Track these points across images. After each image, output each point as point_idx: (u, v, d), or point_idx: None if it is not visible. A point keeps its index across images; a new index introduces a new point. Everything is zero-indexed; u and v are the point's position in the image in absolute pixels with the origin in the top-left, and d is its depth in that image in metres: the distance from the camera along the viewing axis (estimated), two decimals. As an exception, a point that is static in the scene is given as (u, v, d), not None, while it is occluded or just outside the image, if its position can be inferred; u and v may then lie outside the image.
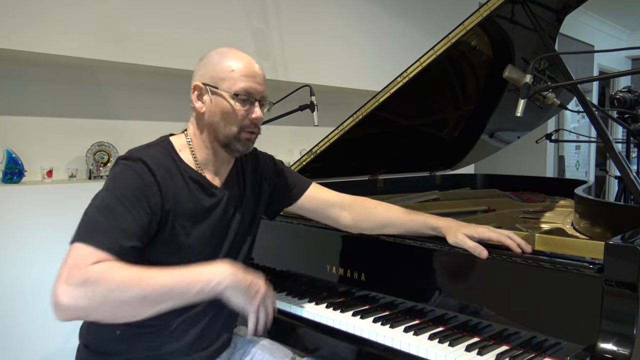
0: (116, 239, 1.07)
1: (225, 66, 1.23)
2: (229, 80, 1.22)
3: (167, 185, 1.17)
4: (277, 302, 1.57)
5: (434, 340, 1.24)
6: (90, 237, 1.05)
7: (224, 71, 1.23)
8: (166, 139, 1.27)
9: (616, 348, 1.02)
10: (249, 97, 1.23)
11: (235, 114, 1.22)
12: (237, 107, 1.22)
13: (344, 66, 3.32)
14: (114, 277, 1.01)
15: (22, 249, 2.07)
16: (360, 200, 1.49)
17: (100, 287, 0.99)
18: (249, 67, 1.24)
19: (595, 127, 1.51)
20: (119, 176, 1.15)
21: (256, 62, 1.27)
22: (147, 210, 1.13)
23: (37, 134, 2.31)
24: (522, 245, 1.22)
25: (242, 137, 1.24)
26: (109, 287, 1.00)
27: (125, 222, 1.09)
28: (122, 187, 1.13)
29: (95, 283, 0.99)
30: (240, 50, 1.28)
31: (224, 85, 1.22)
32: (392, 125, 2.16)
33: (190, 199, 1.21)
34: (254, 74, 1.24)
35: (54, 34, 2.12)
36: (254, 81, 1.23)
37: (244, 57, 1.26)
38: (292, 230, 1.72)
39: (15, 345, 2.05)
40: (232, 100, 1.22)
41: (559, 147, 5.71)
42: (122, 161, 1.17)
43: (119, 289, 1.00)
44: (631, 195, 1.62)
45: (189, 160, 1.25)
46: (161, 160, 1.19)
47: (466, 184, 2.98)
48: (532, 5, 1.61)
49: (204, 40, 2.54)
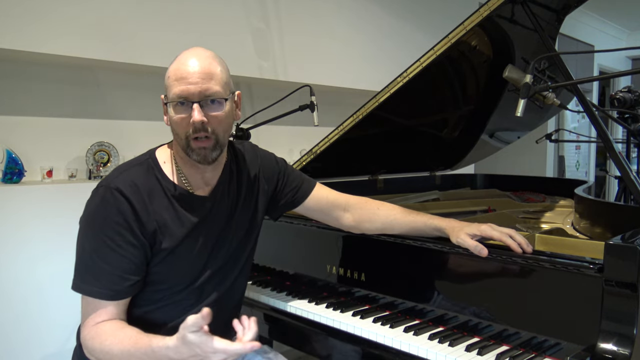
0: (108, 284, 1.13)
1: (167, 74, 1.16)
2: (167, 89, 1.16)
3: (146, 209, 1.16)
4: (277, 302, 1.58)
5: (434, 340, 1.24)
6: (85, 288, 1.14)
7: (166, 80, 1.17)
8: (151, 155, 1.24)
9: (616, 348, 1.02)
10: (184, 101, 1.13)
11: (176, 124, 1.15)
12: (174, 115, 1.14)
13: (344, 66, 3.32)
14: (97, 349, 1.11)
15: (22, 249, 2.07)
16: (362, 201, 1.48)
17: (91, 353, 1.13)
18: (180, 68, 1.14)
19: (595, 127, 1.51)
20: (99, 213, 1.14)
21: (199, 59, 1.14)
22: (135, 243, 1.14)
23: (37, 134, 2.31)
24: (523, 245, 1.21)
25: (194, 147, 1.15)
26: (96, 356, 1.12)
27: (115, 264, 1.13)
28: (102, 225, 1.13)
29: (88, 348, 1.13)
30: (194, 49, 1.18)
31: (167, 96, 1.16)
32: (392, 125, 2.16)
33: (176, 217, 1.19)
34: (186, 74, 1.12)
35: (54, 34, 2.12)
36: (185, 83, 1.12)
37: (183, 57, 1.16)
38: (292, 230, 1.72)
39: (15, 345, 2.05)
40: (171, 109, 1.15)
41: (559, 147, 5.71)
42: (101, 189, 1.16)
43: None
44: (631, 195, 1.62)
45: (172, 174, 1.22)
46: (142, 182, 1.17)
47: (466, 184, 2.98)
48: (532, 5, 1.61)
49: (204, 41, 2.54)
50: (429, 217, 1.40)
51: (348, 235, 1.54)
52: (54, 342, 2.15)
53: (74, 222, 1.11)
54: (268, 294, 1.63)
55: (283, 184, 1.44)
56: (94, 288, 1.12)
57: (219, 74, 1.16)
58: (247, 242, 1.34)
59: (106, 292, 1.13)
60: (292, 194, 1.44)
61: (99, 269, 1.12)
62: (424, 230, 1.38)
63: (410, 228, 1.40)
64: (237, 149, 1.38)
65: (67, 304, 2.12)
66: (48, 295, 2.12)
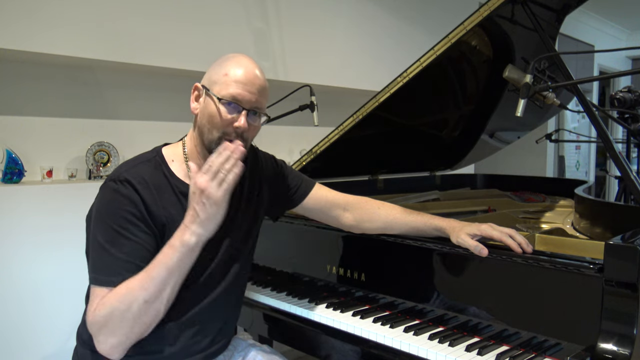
0: (126, 274, 1.11)
1: (221, 70, 1.21)
2: (220, 85, 1.20)
3: (156, 202, 1.17)
4: (277, 302, 1.57)
5: (434, 340, 1.24)
6: (102, 279, 1.11)
7: (218, 75, 1.21)
8: (158, 152, 1.26)
9: (616, 348, 1.02)
10: (236, 103, 1.18)
11: (218, 119, 1.19)
12: (222, 112, 1.18)
13: (344, 66, 3.32)
14: (113, 307, 1.07)
15: (22, 249, 2.07)
16: (363, 200, 1.48)
17: (111, 322, 1.07)
18: (244, 74, 1.20)
19: (595, 127, 1.51)
20: (111, 204, 1.15)
21: (259, 72, 1.22)
22: (148, 231, 1.15)
23: (37, 134, 2.31)
24: (523, 245, 1.21)
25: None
26: (117, 317, 1.06)
27: (131, 253, 1.12)
28: (115, 216, 1.13)
29: (106, 322, 1.07)
30: (250, 59, 1.24)
31: (215, 89, 1.20)
32: (392, 125, 2.16)
33: (183, 214, 1.18)
34: (247, 82, 1.19)
35: (54, 34, 2.12)
36: (244, 89, 1.18)
37: (245, 63, 1.22)
38: (292, 230, 1.72)
39: (15, 345, 2.05)
40: (219, 104, 1.19)
41: (559, 147, 5.71)
42: (110, 183, 1.17)
43: (124, 313, 1.06)
44: (631, 195, 1.62)
45: (181, 172, 1.24)
46: (150, 177, 1.19)
47: (466, 184, 2.97)
48: (532, 5, 1.61)
49: (204, 41, 2.54)
50: (429, 217, 1.40)
51: (348, 235, 1.54)
52: (54, 342, 2.15)
53: (74, 222, 1.12)
54: (268, 294, 1.63)
55: (282, 184, 1.45)
56: (111, 278, 1.10)
57: (268, 92, 1.26)
58: (247, 242, 1.35)
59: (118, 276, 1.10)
60: (291, 193, 1.46)
61: (115, 259, 1.11)
62: (424, 230, 1.39)
63: (411, 228, 1.41)
64: None
65: (67, 303, 2.12)
66: (48, 295, 2.12)
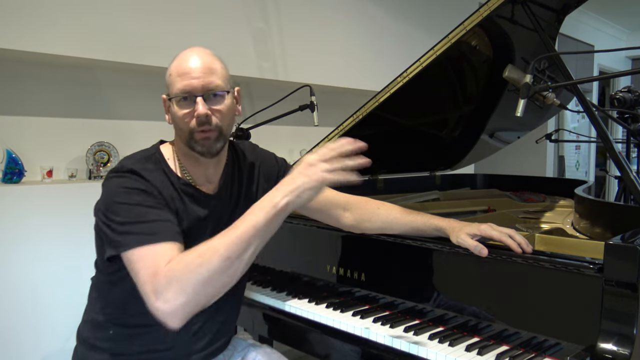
0: (165, 229, 1.07)
1: (167, 72, 1.20)
2: (170, 86, 1.19)
3: (162, 194, 1.16)
4: (277, 302, 1.58)
5: (434, 340, 1.24)
6: (143, 239, 1.04)
7: (167, 78, 1.20)
8: (156, 149, 1.26)
9: (616, 348, 1.02)
10: (187, 95, 1.16)
11: (180, 119, 1.17)
12: (178, 111, 1.17)
13: (344, 66, 3.32)
14: (190, 261, 0.99)
15: (22, 249, 2.07)
16: (362, 200, 1.48)
17: (185, 277, 0.98)
18: (182, 64, 1.17)
19: (595, 127, 1.51)
20: (122, 187, 1.12)
21: (199, 55, 1.18)
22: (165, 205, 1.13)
23: (37, 134, 2.31)
24: (523, 245, 1.22)
25: (197, 138, 1.18)
26: (193, 271, 0.98)
27: (160, 215, 1.09)
28: (131, 194, 1.11)
29: (179, 276, 0.98)
30: (192, 48, 1.21)
31: (170, 92, 1.19)
32: (392, 125, 2.16)
33: (184, 209, 1.20)
34: (188, 70, 1.16)
35: (53, 34, 2.12)
36: (188, 77, 1.15)
37: (184, 55, 1.19)
38: (292, 230, 1.72)
39: (14, 345, 2.05)
40: (175, 105, 1.18)
41: (559, 147, 5.71)
42: (114, 174, 1.15)
43: (202, 267, 0.98)
44: (631, 195, 1.61)
45: (177, 170, 1.24)
46: (152, 172, 1.18)
47: (466, 184, 2.97)
48: (532, 5, 1.61)
49: (204, 41, 2.53)
50: (429, 217, 1.40)
51: (348, 235, 1.54)
52: (54, 342, 2.15)
53: (74, 222, 1.11)
54: (268, 294, 1.63)
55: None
56: (153, 236, 1.04)
57: (219, 69, 1.20)
58: None
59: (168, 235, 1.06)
60: None
61: (146, 227, 1.06)
62: (424, 230, 1.39)
63: (410, 228, 1.41)
64: (238, 149, 1.39)
65: (67, 303, 2.12)
66: (48, 295, 2.12)
